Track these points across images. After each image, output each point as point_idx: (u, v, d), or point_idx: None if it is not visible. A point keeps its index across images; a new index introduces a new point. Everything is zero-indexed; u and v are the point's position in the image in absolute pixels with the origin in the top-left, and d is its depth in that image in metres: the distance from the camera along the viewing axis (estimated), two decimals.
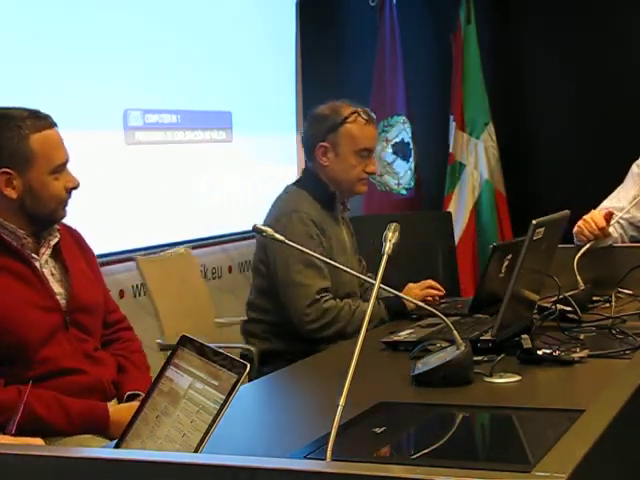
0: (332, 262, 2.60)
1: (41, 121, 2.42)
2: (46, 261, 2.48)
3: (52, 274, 2.48)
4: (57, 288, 2.47)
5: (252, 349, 3.18)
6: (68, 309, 2.46)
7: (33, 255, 2.45)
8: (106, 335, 2.63)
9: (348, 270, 2.52)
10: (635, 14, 5.55)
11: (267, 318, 3.21)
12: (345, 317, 3.04)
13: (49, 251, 2.48)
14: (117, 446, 1.70)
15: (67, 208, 2.49)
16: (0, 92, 3.55)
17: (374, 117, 3.30)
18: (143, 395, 2.44)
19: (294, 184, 3.29)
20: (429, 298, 3.21)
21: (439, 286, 3.30)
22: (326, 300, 3.06)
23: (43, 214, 2.44)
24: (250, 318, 3.28)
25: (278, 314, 3.16)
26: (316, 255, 2.62)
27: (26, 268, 2.42)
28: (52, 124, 2.44)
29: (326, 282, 3.08)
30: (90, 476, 1.43)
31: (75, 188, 2.48)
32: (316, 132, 3.22)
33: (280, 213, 3.13)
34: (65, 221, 2.69)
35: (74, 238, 2.63)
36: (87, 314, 2.52)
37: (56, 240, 2.50)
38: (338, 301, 3.08)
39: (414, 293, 3.18)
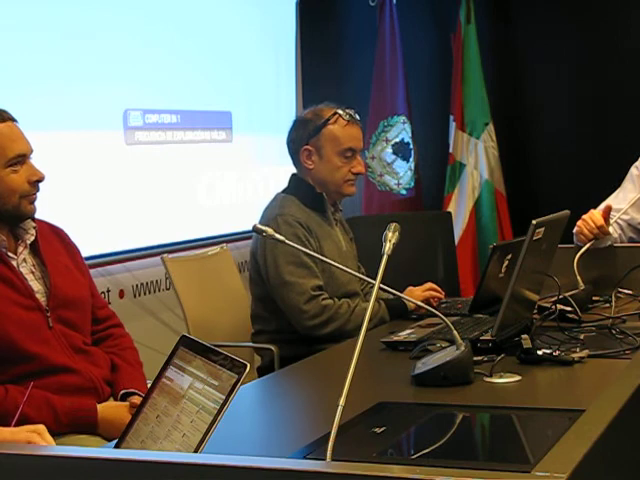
0: (324, 258, 2.59)
1: None
2: (24, 259, 2.47)
3: (32, 272, 2.47)
4: (37, 286, 2.46)
5: (272, 348, 3.16)
6: (50, 306, 2.45)
7: (9, 254, 2.44)
8: (97, 332, 2.62)
9: (338, 266, 2.50)
10: (635, 14, 5.55)
11: (267, 327, 3.21)
12: (344, 315, 3.04)
13: (26, 250, 2.47)
14: (117, 446, 1.70)
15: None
16: (0, 92, 3.55)
17: (357, 117, 3.25)
18: (138, 393, 2.47)
19: (281, 192, 3.29)
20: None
21: (439, 289, 3.30)
22: (324, 298, 3.06)
23: (6, 210, 2.42)
24: (256, 330, 3.28)
25: (275, 321, 3.17)
26: (310, 252, 2.62)
27: (3, 267, 2.41)
28: (5, 118, 2.42)
29: (318, 280, 3.07)
30: (90, 476, 1.43)
31: (39, 181, 2.46)
32: (299, 136, 3.23)
33: (266, 220, 3.13)
34: (64, 221, 2.69)
35: (57, 235, 2.61)
36: (71, 309, 2.51)
37: (32, 238, 2.49)
38: (336, 300, 3.08)
39: (415, 295, 3.17)
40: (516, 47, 5.91)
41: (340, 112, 3.19)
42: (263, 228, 2.38)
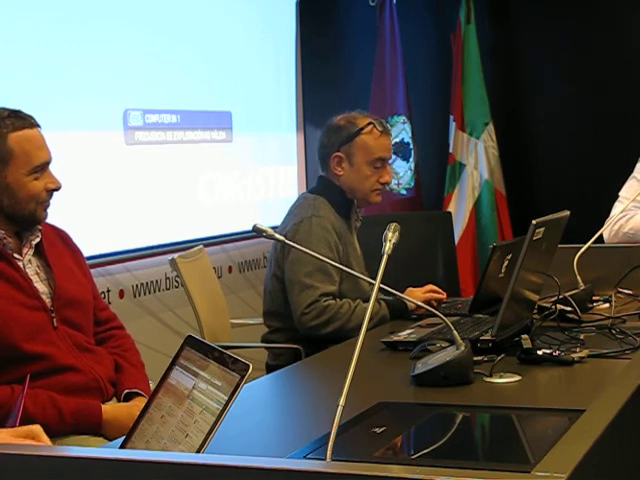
0: (342, 267, 2.58)
1: (21, 121, 2.41)
2: (29, 261, 2.47)
3: (37, 273, 2.48)
4: (42, 287, 2.47)
5: (300, 348, 3.15)
6: (54, 307, 2.45)
7: (15, 255, 2.44)
8: (99, 333, 2.63)
9: (356, 274, 2.50)
10: (635, 14, 5.55)
11: (287, 325, 3.17)
12: (345, 314, 3.04)
13: (31, 251, 2.48)
14: (122, 446, 1.70)
15: (49, 209, 2.47)
16: (1, 93, 3.55)
17: (389, 128, 3.32)
18: (140, 393, 2.48)
19: (310, 192, 3.30)
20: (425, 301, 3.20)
21: (440, 290, 3.29)
22: (326, 299, 3.06)
23: (22, 215, 2.43)
24: (273, 329, 3.26)
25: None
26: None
27: (9, 268, 2.41)
28: (33, 124, 2.43)
29: (333, 287, 3.08)
30: (91, 476, 1.43)
31: (56, 189, 2.46)
32: (331, 142, 3.23)
33: (300, 218, 3.14)
34: (64, 221, 2.69)
35: (61, 238, 2.62)
36: (74, 309, 2.51)
37: (37, 240, 2.49)
38: (338, 300, 3.08)
39: (415, 296, 3.17)
40: (516, 47, 5.91)
41: (375, 122, 3.22)
42: (263, 228, 2.37)
